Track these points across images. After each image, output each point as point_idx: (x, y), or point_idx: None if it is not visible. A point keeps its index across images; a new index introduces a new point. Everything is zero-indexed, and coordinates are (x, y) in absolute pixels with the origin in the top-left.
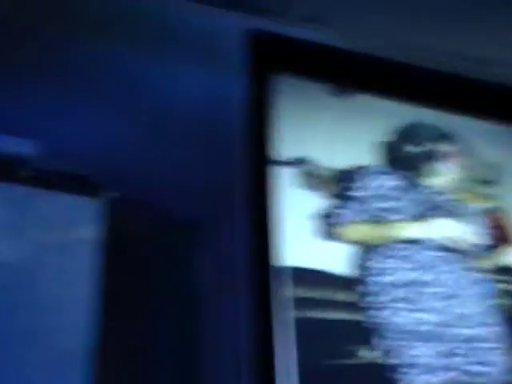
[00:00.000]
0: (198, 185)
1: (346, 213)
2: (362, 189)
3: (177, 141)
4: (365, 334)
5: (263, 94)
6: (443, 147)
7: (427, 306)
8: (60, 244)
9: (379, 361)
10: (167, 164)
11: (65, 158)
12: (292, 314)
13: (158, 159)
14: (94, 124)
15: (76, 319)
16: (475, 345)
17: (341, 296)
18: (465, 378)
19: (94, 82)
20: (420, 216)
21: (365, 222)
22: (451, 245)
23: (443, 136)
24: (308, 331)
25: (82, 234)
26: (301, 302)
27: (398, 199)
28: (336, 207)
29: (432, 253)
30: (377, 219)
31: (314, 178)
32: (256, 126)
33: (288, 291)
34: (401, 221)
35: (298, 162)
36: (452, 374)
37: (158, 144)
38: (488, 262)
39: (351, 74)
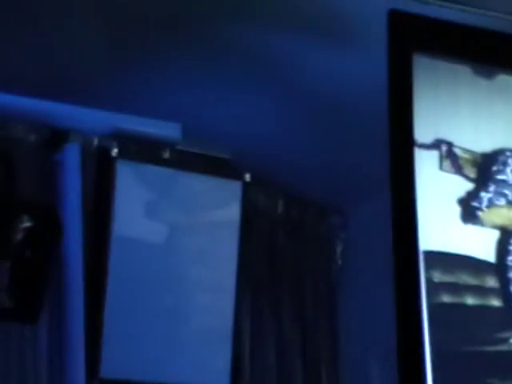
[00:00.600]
0: (337, 168)
1: (489, 196)
2: (505, 172)
3: (317, 125)
4: (508, 320)
5: (405, 75)
6: None
7: None
8: (201, 225)
9: None
10: (308, 147)
11: (207, 142)
12: (438, 299)
13: (298, 143)
14: (235, 109)
15: (218, 300)
16: None
17: (484, 282)
18: None
19: (239, 68)
20: None
21: (508, 205)
22: None
23: None
24: (449, 317)
25: (222, 215)
26: (443, 287)
27: None
28: (478, 190)
29: None
30: None
31: (457, 160)
32: (398, 107)
33: (432, 276)
34: None
35: (440, 145)
36: None
37: (297, 128)
38: None
39: (493, 53)
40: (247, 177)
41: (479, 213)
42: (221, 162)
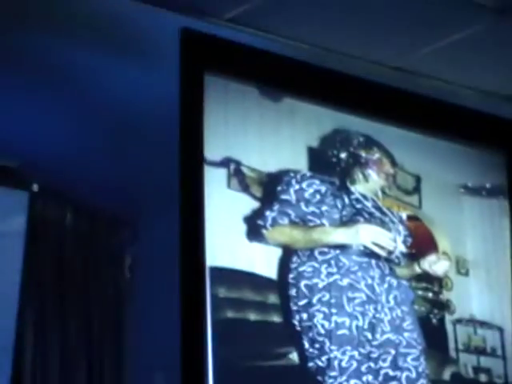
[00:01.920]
0: (129, 182)
1: (273, 215)
2: (289, 192)
3: (109, 137)
4: (287, 336)
5: (195, 93)
6: (367, 154)
7: (347, 310)
8: None
9: (300, 363)
10: (98, 159)
11: None
12: (222, 315)
13: (89, 154)
14: (22, 117)
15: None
16: (392, 350)
17: (266, 298)
18: (380, 381)
19: (24, 74)
20: (344, 221)
21: (291, 225)
22: (373, 251)
23: (368, 142)
24: (232, 332)
25: (7, 226)
26: (228, 303)
27: (323, 204)
28: (263, 209)
29: (354, 258)
30: (302, 223)
31: (244, 179)
32: (188, 125)
33: (217, 291)
34: (326, 225)
35: (228, 163)
36: (368, 378)
37: (90, 139)
38: (408, 269)
39: (280, 77)
40: (35, 187)
41: (264, 231)
42: (7, 170)
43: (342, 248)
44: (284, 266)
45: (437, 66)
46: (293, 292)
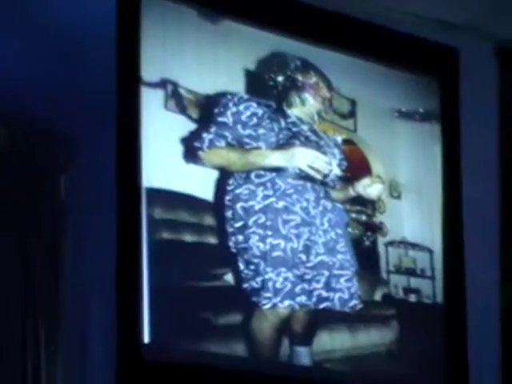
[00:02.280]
0: (65, 101)
1: (210, 137)
2: (226, 115)
3: (46, 55)
4: (223, 257)
5: (133, 12)
6: (304, 77)
7: (282, 232)
8: None
9: (235, 284)
10: (34, 77)
11: None
12: (158, 236)
13: (25, 73)
14: None
15: None
16: (325, 271)
17: (202, 220)
18: (313, 302)
19: None
20: (280, 144)
21: (227, 147)
22: (309, 174)
23: (305, 66)
24: (168, 253)
25: None
26: (164, 224)
27: (260, 127)
28: (200, 131)
29: (290, 181)
30: (239, 145)
31: (182, 100)
32: (125, 45)
33: (153, 212)
34: (262, 148)
35: (166, 84)
36: (302, 299)
37: (26, 57)
38: (342, 192)
39: None
40: None
41: (200, 153)
42: None
43: (278, 171)
44: (220, 188)
45: None
46: (229, 214)
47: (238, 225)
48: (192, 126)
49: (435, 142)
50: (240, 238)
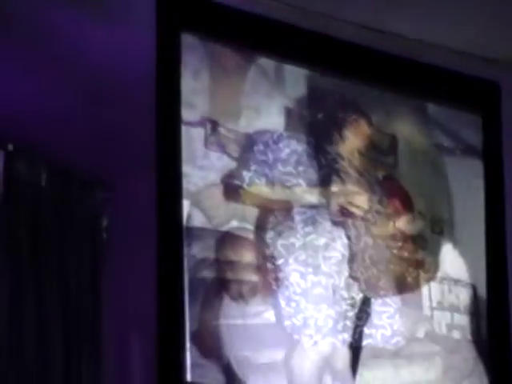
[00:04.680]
0: (105, 142)
1: (250, 175)
2: (266, 152)
3: (85, 97)
4: (264, 295)
5: (172, 53)
6: (344, 114)
7: (323, 269)
8: None
9: (276, 322)
10: (74, 120)
11: None
12: (199, 275)
13: (65, 115)
14: None
15: None
16: (367, 308)
17: (242, 257)
18: (355, 339)
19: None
20: (321, 181)
21: (268, 184)
22: (349, 210)
23: (344, 103)
24: (209, 292)
25: None
26: (204, 263)
27: (300, 164)
28: (240, 169)
29: (331, 217)
30: (279, 183)
31: (221, 139)
32: (165, 85)
33: (194, 251)
34: (302, 185)
35: (205, 123)
36: (344, 336)
37: (66, 100)
38: (383, 228)
39: (256, 37)
40: (10, 147)
41: (241, 191)
42: None
43: (318, 207)
44: (260, 225)
45: (411, 26)
46: (269, 251)
47: (279, 262)
48: (232, 165)
49: (477, 178)
50: (281, 275)
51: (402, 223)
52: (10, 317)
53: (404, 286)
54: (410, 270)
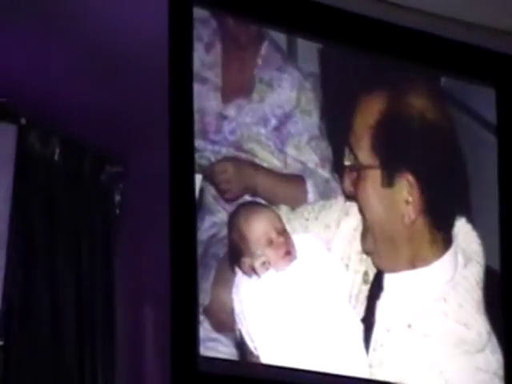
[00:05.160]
0: (117, 117)
1: (263, 149)
2: (279, 127)
3: (98, 71)
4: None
5: (184, 27)
6: (358, 89)
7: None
8: None
9: None
10: (87, 95)
11: None
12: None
13: (78, 89)
14: (8, 50)
15: None
16: (380, 282)
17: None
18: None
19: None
20: (333, 156)
21: (280, 158)
22: (362, 184)
23: (358, 78)
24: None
25: None
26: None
27: (313, 138)
28: (253, 143)
29: (343, 192)
30: (292, 157)
31: None
32: (177, 59)
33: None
34: (315, 159)
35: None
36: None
37: (78, 74)
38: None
39: (270, 11)
40: (23, 120)
41: (253, 165)
42: None
43: (331, 182)
44: (273, 199)
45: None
46: (282, 226)
47: (292, 236)
48: (245, 138)
49: (492, 152)
50: (293, 249)
51: (416, 196)
52: (24, 293)
53: (418, 260)
54: (424, 244)
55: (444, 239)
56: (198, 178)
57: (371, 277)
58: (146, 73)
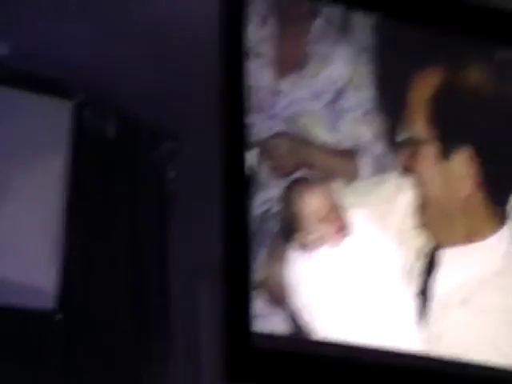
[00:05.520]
0: (170, 95)
1: (317, 124)
2: (333, 102)
3: (151, 50)
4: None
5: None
6: (412, 63)
7: (390, 219)
8: (29, 144)
9: None
10: (140, 73)
11: (36, 60)
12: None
13: (132, 68)
14: (65, 29)
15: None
16: (436, 258)
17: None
18: (424, 290)
19: None
20: (388, 131)
21: (334, 134)
22: (417, 159)
23: (413, 52)
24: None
25: (50, 134)
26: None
27: (367, 113)
28: (307, 119)
29: (398, 166)
30: (346, 132)
31: None
32: (230, 33)
33: (262, 202)
34: (369, 135)
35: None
36: (412, 287)
37: (132, 52)
38: (452, 177)
39: None
40: (78, 97)
41: (308, 140)
42: (51, 81)
43: (386, 157)
44: (328, 175)
45: None
46: (336, 201)
47: (346, 212)
48: (299, 114)
49: None
50: (347, 225)
51: (473, 170)
52: (82, 268)
53: (474, 235)
54: (480, 219)
55: (500, 214)
56: (254, 153)
57: (426, 252)
58: (198, 49)
